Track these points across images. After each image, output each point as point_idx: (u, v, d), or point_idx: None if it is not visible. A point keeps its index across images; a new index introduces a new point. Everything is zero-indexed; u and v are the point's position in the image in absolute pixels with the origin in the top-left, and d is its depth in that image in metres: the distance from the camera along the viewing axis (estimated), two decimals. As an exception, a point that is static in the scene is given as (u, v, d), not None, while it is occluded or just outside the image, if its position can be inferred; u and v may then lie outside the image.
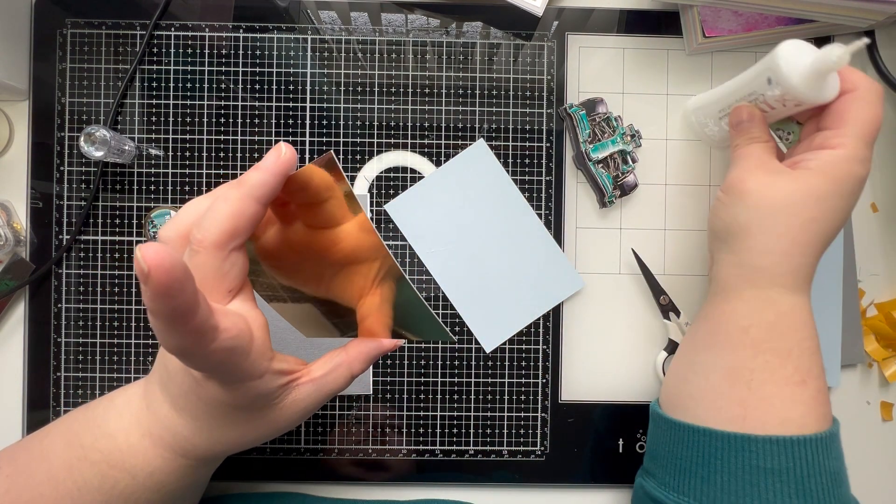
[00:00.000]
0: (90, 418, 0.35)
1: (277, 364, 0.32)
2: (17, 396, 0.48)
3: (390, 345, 0.36)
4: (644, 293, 0.50)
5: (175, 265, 0.24)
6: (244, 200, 0.29)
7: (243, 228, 0.30)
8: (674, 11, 0.50)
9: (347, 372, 0.35)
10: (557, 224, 0.50)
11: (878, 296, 0.51)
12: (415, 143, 0.49)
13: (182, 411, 0.33)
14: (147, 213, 0.48)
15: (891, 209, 0.51)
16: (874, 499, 0.51)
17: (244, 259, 0.31)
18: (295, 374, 0.33)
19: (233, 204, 0.29)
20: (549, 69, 0.50)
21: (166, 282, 0.24)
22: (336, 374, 0.34)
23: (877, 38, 0.49)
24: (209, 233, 0.29)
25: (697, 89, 0.50)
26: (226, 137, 0.49)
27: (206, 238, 0.29)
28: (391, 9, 0.49)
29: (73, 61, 0.48)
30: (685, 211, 0.50)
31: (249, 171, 0.30)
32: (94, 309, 0.48)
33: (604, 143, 0.49)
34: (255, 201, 0.29)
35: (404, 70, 0.49)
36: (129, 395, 0.35)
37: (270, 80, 0.49)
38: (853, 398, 0.51)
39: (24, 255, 0.48)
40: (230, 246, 0.29)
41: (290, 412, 0.34)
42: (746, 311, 0.38)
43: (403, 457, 0.49)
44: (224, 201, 0.29)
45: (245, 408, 0.32)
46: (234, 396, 0.31)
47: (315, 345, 0.48)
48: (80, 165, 0.48)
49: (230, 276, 0.30)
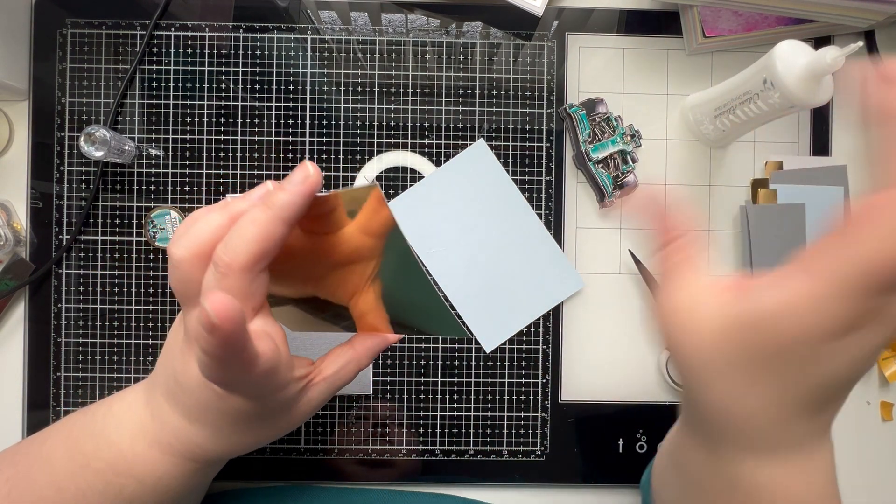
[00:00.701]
0: (89, 425, 0.35)
1: (297, 371, 0.32)
2: (17, 396, 0.48)
3: (394, 338, 0.36)
4: (644, 293, 0.50)
5: (239, 314, 0.25)
6: (273, 223, 0.28)
7: (272, 251, 0.29)
8: (674, 11, 0.50)
9: (356, 367, 0.35)
10: (557, 224, 0.50)
11: (878, 296, 0.51)
12: (415, 143, 0.49)
13: (197, 422, 0.32)
14: (147, 213, 0.48)
15: (891, 209, 0.51)
16: (874, 499, 0.51)
17: (266, 277, 0.30)
18: (309, 375, 0.33)
19: (262, 226, 0.28)
20: (549, 69, 0.50)
21: (232, 331, 0.25)
22: (346, 370, 0.35)
23: (877, 38, 0.49)
24: (239, 256, 0.28)
25: (697, 89, 0.50)
26: (226, 137, 0.49)
27: (235, 262, 0.28)
28: (391, 9, 0.49)
29: (73, 61, 0.48)
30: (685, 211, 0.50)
31: (277, 192, 0.29)
32: (94, 309, 0.48)
33: (604, 143, 0.49)
34: (283, 223, 0.29)
35: (404, 70, 0.49)
36: (128, 404, 0.35)
37: (270, 80, 0.49)
38: (853, 398, 0.51)
39: (24, 255, 0.48)
40: (259, 268, 0.29)
41: (303, 411, 0.34)
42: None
43: (403, 457, 0.49)
44: (252, 224, 0.28)
45: (266, 415, 0.33)
46: (258, 407, 0.31)
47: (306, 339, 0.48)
48: (80, 165, 0.48)
49: (256, 296, 0.30)
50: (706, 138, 0.49)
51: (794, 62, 0.38)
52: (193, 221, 0.31)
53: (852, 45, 0.35)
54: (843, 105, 0.51)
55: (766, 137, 0.50)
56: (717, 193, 0.50)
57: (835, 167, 0.50)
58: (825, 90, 0.38)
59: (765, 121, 0.43)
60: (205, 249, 0.30)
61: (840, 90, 0.39)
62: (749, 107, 0.42)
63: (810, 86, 0.38)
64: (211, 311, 0.24)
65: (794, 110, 0.40)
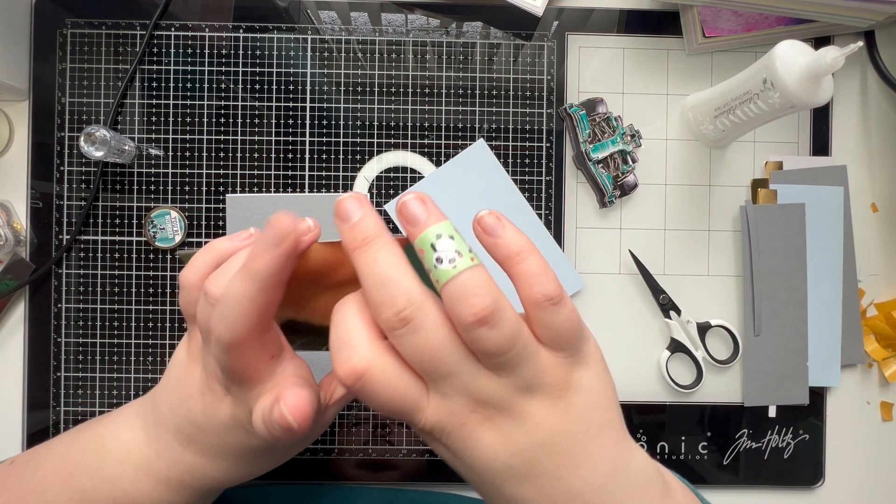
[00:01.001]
0: (82, 461, 0.34)
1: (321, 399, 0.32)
2: (17, 396, 0.48)
3: None
4: (644, 293, 0.50)
5: (314, 406, 0.26)
6: (260, 294, 0.26)
7: (271, 314, 0.27)
8: (674, 11, 0.50)
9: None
10: (557, 224, 0.50)
11: (878, 296, 0.51)
12: (415, 143, 0.49)
13: (216, 458, 0.32)
14: (147, 213, 0.48)
15: (891, 209, 0.51)
16: (874, 499, 0.51)
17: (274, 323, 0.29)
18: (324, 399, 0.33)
19: (246, 303, 0.26)
20: (549, 69, 0.50)
21: (308, 423, 0.26)
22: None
23: (877, 38, 0.49)
24: (239, 332, 0.26)
25: (697, 89, 0.50)
26: (226, 137, 0.49)
27: (236, 338, 0.27)
28: (391, 9, 0.49)
29: (73, 61, 0.48)
30: (685, 211, 0.50)
31: (255, 260, 0.26)
32: (94, 309, 0.48)
33: (604, 143, 0.49)
34: (271, 289, 0.26)
35: (404, 70, 0.49)
36: (123, 442, 0.33)
37: (270, 80, 0.49)
38: (853, 398, 0.51)
39: (24, 255, 0.48)
40: (263, 328, 0.28)
41: (318, 431, 0.34)
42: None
43: (404, 457, 0.49)
44: (236, 302, 0.26)
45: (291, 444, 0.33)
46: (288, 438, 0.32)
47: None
48: (80, 165, 0.48)
49: (271, 344, 0.29)
50: (706, 138, 0.49)
51: (794, 62, 0.38)
52: (210, 249, 0.31)
53: (852, 45, 0.35)
54: (843, 105, 0.51)
55: (766, 137, 0.50)
56: (717, 193, 0.50)
57: (835, 167, 0.50)
58: (825, 90, 0.38)
59: (765, 121, 0.43)
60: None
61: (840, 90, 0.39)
62: (749, 107, 0.42)
63: (810, 86, 0.38)
64: (290, 417, 0.25)
65: (794, 110, 0.40)
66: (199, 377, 0.31)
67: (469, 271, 0.25)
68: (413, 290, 0.25)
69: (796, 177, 0.50)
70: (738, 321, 0.50)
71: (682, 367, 0.50)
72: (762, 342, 0.50)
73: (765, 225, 0.49)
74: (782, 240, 0.49)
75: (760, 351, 0.50)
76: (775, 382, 0.50)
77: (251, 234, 0.32)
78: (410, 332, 0.25)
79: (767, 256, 0.49)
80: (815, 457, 0.50)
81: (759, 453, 0.50)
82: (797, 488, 0.51)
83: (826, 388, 0.51)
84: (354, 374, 0.25)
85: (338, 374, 0.25)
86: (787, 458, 0.50)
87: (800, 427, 0.50)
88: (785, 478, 0.50)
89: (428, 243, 0.25)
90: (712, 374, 0.50)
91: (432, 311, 0.25)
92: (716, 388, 0.50)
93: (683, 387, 0.49)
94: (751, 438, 0.50)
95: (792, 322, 0.50)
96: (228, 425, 0.30)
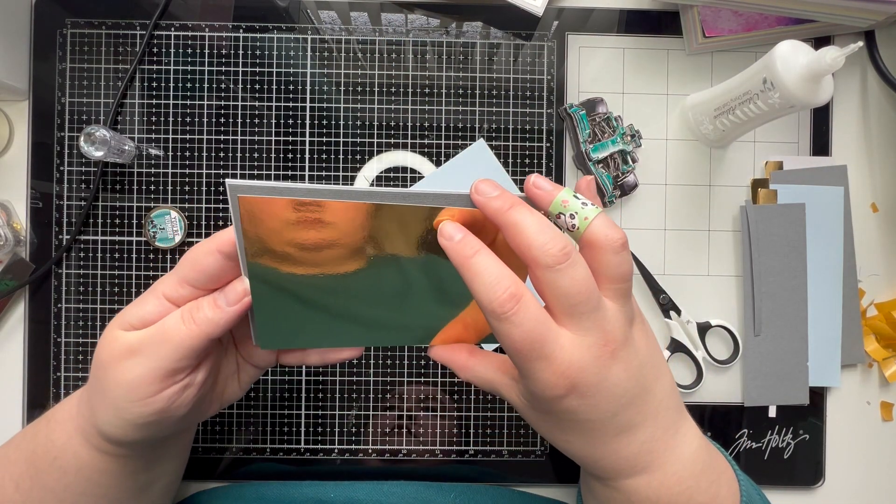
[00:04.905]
0: (36, 432, 0.37)
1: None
2: (17, 396, 0.48)
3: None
4: (644, 293, 0.50)
5: (244, 306, 0.32)
6: (195, 339, 0.31)
7: (195, 357, 0.32)
8: (674, 11, 0.50)
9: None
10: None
11: (878, 296, 0.51)
12: (415, 143, 0.49)
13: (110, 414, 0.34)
14: (147, 213, 0.48)
15: (891, 209, 0.51)
16: (874, 499, 0.51)
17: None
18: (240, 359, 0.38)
19: (182, 339, 0.31)
20: (549, 69, 0.50)
21: (243, 307, 0.32)
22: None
23: (877, 38, 0.49)
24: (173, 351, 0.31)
25: (697, 89, 0.50)
26: (226, 137, 0.49)
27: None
28: (391, 9, 0.49)
29: (73, 61, 0.48)
30: (685, 211, 0.50)
31: (205, 309, 0.31)
32: (94, 309, 0.48)
33: (604, 143, 0.49)
34: (206, 339, 0.31)
35: (404, 70, 0.49)
36: (63, 405, 0.37)
37: (270, 80, 0.49)
38: (853, 398, 0.51)
39: (24, 255, 0.48)
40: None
41: (232, 391, 0.39)
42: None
43: (403, 457, 0.49)
44: (175, 335, 0.31)
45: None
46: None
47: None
48: (80, 165, 0.48)
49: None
50: (706, 138, 0.49)
51: (794, 62, 0.38)
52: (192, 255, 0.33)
53: (852, 45, 0.35)
54: (843, 105, 0.51)
55: (766, 137, 0.50)
56: (717, 193, 0.50)
57: (835, 167, 0.50)
58: (825, 90, 0.38)
59: (765, 121, 0.43)
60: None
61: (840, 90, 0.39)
62: (749, 107, 0.42)
63: (810, 86, 0.38)
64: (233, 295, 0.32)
65: (794, 110, 0.40)
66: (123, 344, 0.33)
67: (604, 213, 0.30)
68: (561, 234, 0.29)
69: (796, 177, 0.50)
70: (738, 321, 0.50)
71: (682, 366, 0.50)
72: (762, 342, 0.50)
73: (765, 225, 0.49)
74: (782, 240, 0.49)
75: (760, 351, 0.50)
76: (775, 382, 0.50)
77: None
78: (571, 266, 0.28)
79: (767, 256, 0.49)
80: (815, 457, 0.50)
81: (760, 453, 0.50)
82: (797, 488, 0.51)
83: (826, 388, 0.51)
84: (515, 297, 0.28)
85: (496, 303, 0.28)
86: (788, 458, 0.50)
87: (800, 427, 0.50)
88: (785, 478, 0.50)
89: (560, 200, 0.30)
90: (712, 374, 0.50)
91: (578, 252, 0.29)
92: (716, 388, 0.50)
93: (684, 387, 0.49)
94: (751, 438, 0.50)
95: (792, 322, 0.50)
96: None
